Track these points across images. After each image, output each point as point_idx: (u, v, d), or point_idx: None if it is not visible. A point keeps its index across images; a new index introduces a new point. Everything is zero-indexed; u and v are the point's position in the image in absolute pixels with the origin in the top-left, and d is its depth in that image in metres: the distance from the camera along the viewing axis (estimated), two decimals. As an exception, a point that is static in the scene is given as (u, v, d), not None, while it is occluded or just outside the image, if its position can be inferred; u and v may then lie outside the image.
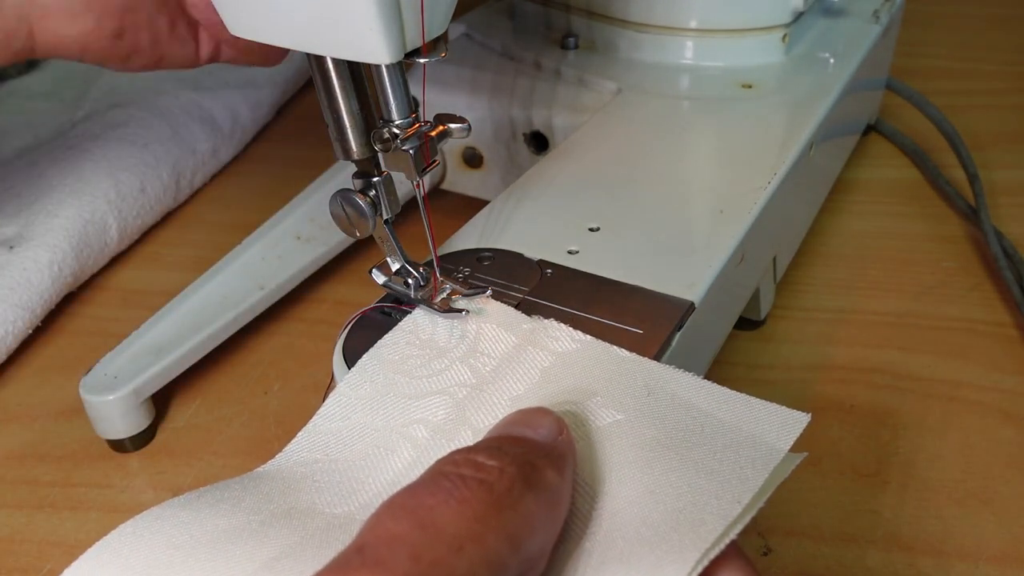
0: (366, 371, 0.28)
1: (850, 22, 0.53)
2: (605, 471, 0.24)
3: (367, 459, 0.26)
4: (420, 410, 0.27)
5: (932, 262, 0.50)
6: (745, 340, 0.45)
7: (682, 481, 0.23)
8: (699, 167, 0.40)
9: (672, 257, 0.34)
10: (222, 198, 0.59)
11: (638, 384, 0.27)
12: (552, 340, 0.29)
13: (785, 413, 0.26)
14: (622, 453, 0.25)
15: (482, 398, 0.27)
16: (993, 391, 0.41)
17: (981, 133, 0.61)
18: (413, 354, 0.29)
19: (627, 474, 0.24)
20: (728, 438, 0.25)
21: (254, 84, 0.64)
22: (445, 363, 0.28)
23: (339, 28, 0.25)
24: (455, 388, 0.27)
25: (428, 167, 0.28)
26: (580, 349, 0.28)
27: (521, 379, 0.28)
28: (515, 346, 0.29)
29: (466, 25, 0.54)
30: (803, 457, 0.25)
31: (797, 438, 0.25)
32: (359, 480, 0.25)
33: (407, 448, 0.26)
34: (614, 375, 0.27)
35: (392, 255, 0.31)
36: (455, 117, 0.29)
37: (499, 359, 0.28)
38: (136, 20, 0.35)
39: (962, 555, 0.34)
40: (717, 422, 0.26)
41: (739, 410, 0.26)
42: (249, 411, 0.42)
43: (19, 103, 0.64)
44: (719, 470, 0.24)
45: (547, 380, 0.27)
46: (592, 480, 0.24)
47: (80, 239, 0.48)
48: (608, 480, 0.24)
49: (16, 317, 0.44)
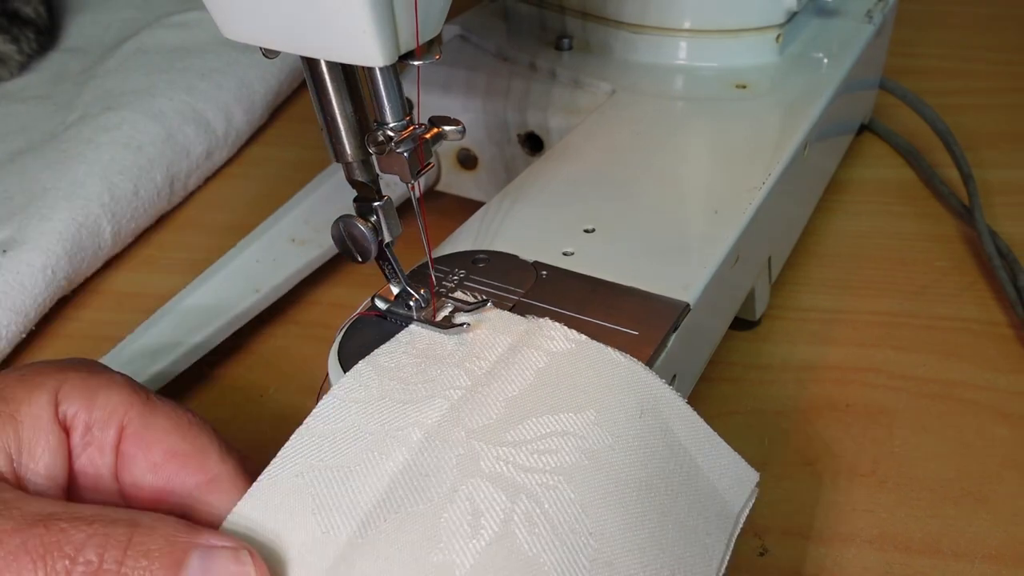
0: (361, 376, 0.28)
1: (843, 22, 0.53)
2: (595, 508, 0.25)
3: (361, 464, 0.26)
4: (414, 413, 0.27)
5: (926, 261, 0.50)
6: (741, 340, 0.45)
7: (666, 543, 0.25)
8: (694, 167, 0.40)
9: (667, 258, 0.34)
10: (216, 201, 0.58)
11: (631, 402, 0.27)
12: (547, 340, 0.29)
13: (742, 466, 0.28)
14: (614, 493, 0.25)
15: (476, 400, 0.27)
16: (988, 390, 0.42)
17: (975, 132, 0.61)
18: (409, 362, 0.29)
19: (617, 519, 0.25)
20: (700, 492, 0.27)
21: (248, 86, 0.64)
22: (440, 369, 0.28)
23: (332, 31, 0.25)
24: (450, 391, 0.27)
25: (423, 170, 0.28)
26: (575, 349, 0.28)
27: (515, 380, 0.28)
28: (510, 347, 0.29)
29: (460, 27, 0.54)
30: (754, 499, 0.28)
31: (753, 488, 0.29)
32: (356, 489, 0.25)
33: (401, 451, 0.26)
34: (608, 386, 0.27)
35: (393, 278, 0.31)
36: (450, 119, 0.29)
37: (493, 361, 0.28)
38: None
39: (958, 554, 0.34)
40: (694, 468, 0.27)
41: (711, 454, 0.28)
42: (245, 414, 0.41)
43: (12, 106, 0.63)
44: (693, 534, 0.26)
45: (541, 382, 0.27)
46: (583, 512, 0.24)
47: (74, 242, 0.48)
48: (599, 520, 0.24)
49: (9, 321, 0.44)
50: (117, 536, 0.22)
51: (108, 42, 0.71)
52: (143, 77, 0.62)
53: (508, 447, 0.25)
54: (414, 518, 0.24)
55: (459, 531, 0.23)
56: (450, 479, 0.25)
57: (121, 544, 0.22)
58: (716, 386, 0.42)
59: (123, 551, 0.22)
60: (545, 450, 0.25)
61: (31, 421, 0.26)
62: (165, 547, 0.23)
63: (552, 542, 0.23)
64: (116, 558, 0.22)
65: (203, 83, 0.62)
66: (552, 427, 0.26)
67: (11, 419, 0.25)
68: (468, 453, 0.25)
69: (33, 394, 0.26)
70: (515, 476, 0.25)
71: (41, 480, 0.26)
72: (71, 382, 0.27)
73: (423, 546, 0.23)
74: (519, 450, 0.25)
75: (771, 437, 0.40)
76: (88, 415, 0.27)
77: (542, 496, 0.24)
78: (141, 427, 0.27)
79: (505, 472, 0.25)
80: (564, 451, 0.25)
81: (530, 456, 0.25)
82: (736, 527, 0.27)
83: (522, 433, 0.26)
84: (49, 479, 0.26)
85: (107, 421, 0.27)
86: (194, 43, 0.67)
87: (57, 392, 0.26)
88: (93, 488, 0.27)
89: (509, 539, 0.23)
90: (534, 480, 0.24)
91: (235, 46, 0.63)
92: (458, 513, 0.24)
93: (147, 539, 0.23)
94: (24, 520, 0.22)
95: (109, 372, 0.28)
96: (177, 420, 0.27)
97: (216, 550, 0.23)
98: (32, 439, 0.26)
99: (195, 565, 0.23)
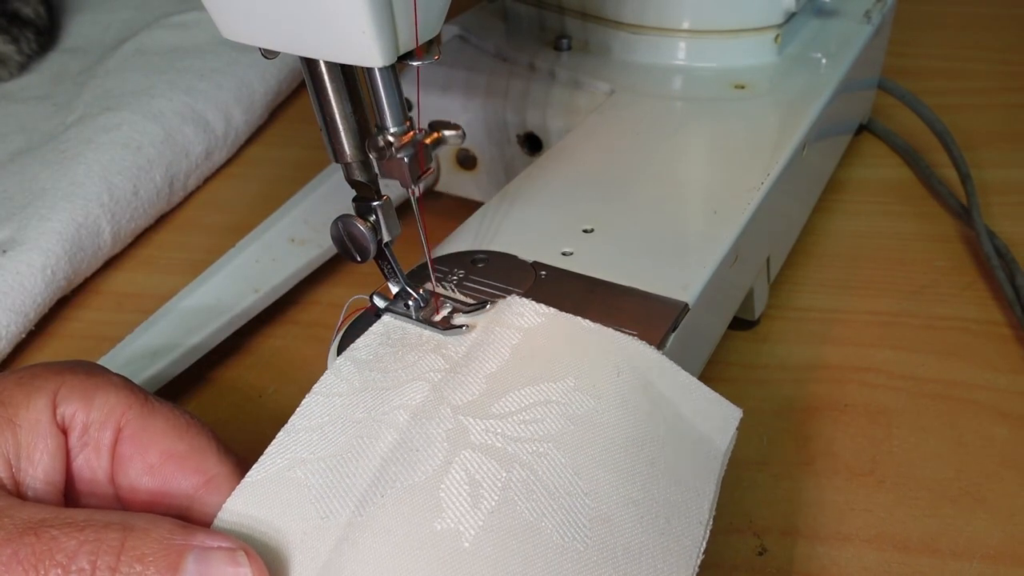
0: (341, 372, 0.29)
1: (842, 22, 0.53)
2: (587, 469, 0.25)
3: (353, 450, 0.26)
4: (398, 397, 0.27)
5: (925, 261, 0.50)
6: (740, 340, 0.45)
7: (658, 493, 0.25)
8: (692, 168, 0.40)
9: (666, 258, 0.34)
10: (216, 201, 0.58)
11: (607, 364, 0.28)
12: (516, 316, 0.29)
13: (724, 405, 0.29)
14: (603, 454, 0.26)
15: (457, 379, 0.27)
16: (986, 390, 0.42)
17: (973, 132, 0.61)
18: (386, 352, 0.29)
19: (609, 477, 0.25)
20: (685, 438, 0.27)
21: (247, 87, 0.64)
22: (418, 355, 0.29)
23: (331, 31, 0.25)
24: (430, 373, 0.28)
25: (423, 174, 0.29)
26: (545, 323, 0.29)
27: (492, 358, 0.28)
28: (482, 328, 0.29)
29: (459, 27, 0.54)
30: (735, 438, 0.28)
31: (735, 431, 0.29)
32: (349, 474, 0.25)
33: (390, 432, 0.26)
34: (582, 351, 0.28)
35: (392, 278, 0.31)
36: (449, 124, 0.29)
37: (469, 345, 0.29)
38: None
39: (956, 554, 0.34)
40: (677, 416, 0.27)
41: (691, 398, 0.28)
42: (244, 414, 0.42)
43: (11, 106, 0.63)
44: (682, 479, 0.26)
45: (518, 356, 0.28)
46: (576, 476, 0.25)
47: (73, 243, 0.48)
48: (592, 481, 0.25)
49: (9, 321, 0.44)
50: (110, 541, 0.22)
51: (108, 42, 0.71)
52: (142, 77, 0.62)
53: (494, 420, 0.26)
54: (411, 491, 0.24)
55: (459, 501, 0.24)
56: (442, 452, 0.25)
57: (114, 549, 0.22)
58: (715, 386, 0.42)
59: (116, 556, 0.22)
60: (531, 420, 0.26)
61: (29, 425, 0.26)
62: (159, 550, 0.23)
63: (551, 506, 0.24)
64: (109, 564, 0.22)
65: (202, 83, 0.62)
66: (535, 397, 0.26)
67: (9, 424, 0.25)
68: (456, 427, 0.26)
69: (31, 398, 0.26)
70: (506, 447, 0.25)
71: (40, 485, 0.26)
72: (69, 384, 0.27)
73: (425, 516, 0.24)
74: (505, 422, 0.26)
75: (770, 437, 0.40)
76: (86, 416, 0.27)
77: (535, 464, 0.25)
78: (138, 428, 0.27)
79: (496, 444, 0.25)
80: (549, 419, 0.26)
81: (517, 427, 0.26)
82: (723, 465, 0.28)
83: (506, 406, 0.26)
84: (48, 484, 0.26)
85: (104, 422, 0.27)
86: (193, 43, 0.67)
87: (55, 395, 0.26)
88: (89, 491, 0.27)
89: (510, 506, 0.24)
90: (525, 449, 0.25)
91: (234, 46, 0.63)
92: (456, 484, 0.24)
93: (141, 543, 0.23)
94: (15, 529, 0.22)
95: (107, 374, 0.28)
96: (175, 422, 0.27)
97: (211, 551, 0.23)
98: (31, 444, 0.26)
99: (190, 568, 0.22)
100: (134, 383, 0.28)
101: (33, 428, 0.26)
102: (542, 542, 0.23)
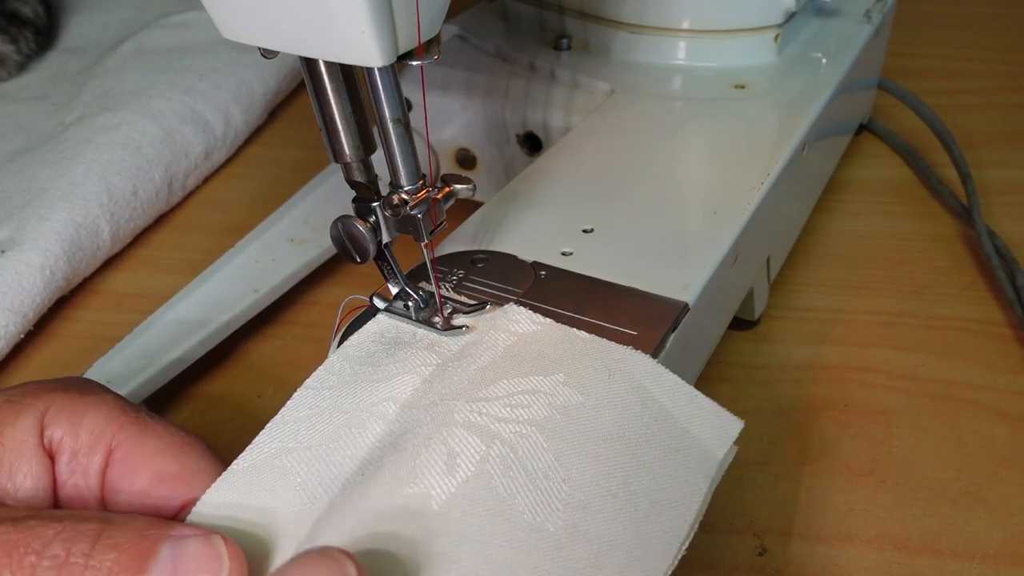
0: (332, 368, 0.29)
1: (842, 22, 0.53)
2: (568, 457, 0.25)
3: (339, 440, 0.26)
4: (388, 389, 0.27)
5: (925, 261, 0.50)
6: (740, 340, 0.45)
7: (640, 489, 0.25)
8: (692, 168, 0.40)
9: (666, 258, 0.34)
10: (215, 201, 0.58)
11: (599, 365, 0.28)
12: (512, 323, 0.29)
13: (724, 416, 0.28)
14: (586, 445, 0.26)
15: (447, 373, 0.28)
16: (986, 390, 0.42)
17: (973, 132, 0.61)
18: (378, 349, 0.29)
19: (590, 468, 0.25)
20: (676, 440, 0.27)
21: (247, 86, 0.64)
22: (410, 351, 0.29)
23: (331, 31, 0.25)
24: (421, 367, 0.28)
25: (436, 229, 0.29)
26: (540, 331, 0.29)
27: (484, 355, 0.28)
28: (477, 331, 0.29)
29: (459, 27, 0.54)
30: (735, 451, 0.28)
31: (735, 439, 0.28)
32: (335, 463, 0.26)
33: (377, 423, 0.26)
34: (576, 354, 0.28)
35: (392, 278, 0.31)
36: (461, 178, 0.30)
37: (462, 344, 0.29)
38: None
39: (956, 554, 0.34)
40: (668, 418, 0.27)
41: (687, 406, 0.28)
42: (243, 415, 0.41)
43: (10, 106, 0.63)
44: (669, 478, 0.26)
45: (511, 354, 0.28)
46: (556, 461, 0.25)
47: (72, 242, 0.48)
48: (572, 469, 0.25)
49: (8, 321, 0.44)
50: (86, 532, 0.22)
51: (107, 42, 0.71)
52: (141, 77, 0.62)
53: (481, 402, 0.26)
54: (391, 465, 0.25)
55: (434, 469, 0.24)
56: (425, 431, 0.25)
57: (89, 539, 0.22)
58: (715, 386, 0.42)
59: (91, 545, 0.22)
60: (518, 404, 0.26)
61: (14, 445, 0.25)
62: (134, 539, 0.22)
63: (526, 485, 0.24)
64: (83, 551, 0.22)
65: (202, 83, 0.62)
66: (523, 387, 0.27)
67: None
68: (443, 409, 0.26)
69: (19, 417, 0.25)
70: (489, 425, 0.25)
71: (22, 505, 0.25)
72: (59, 403, 0.26)
73: (399, 482, 0.24)
74: (492, 404, 0.26)
75: (770, 437, 0.40)
76: (74, 440, 0.26)
77: (516, 443, 0.25)
78: (130, 449, 0.26)
79: (479, 421, 0.25)
80: (536, 406, 0.26)
81: (503, 408, 0.26)
82: (719, 472, 0.27)
83: (494, 391, 0.26)
84: (30, 505, 0.25)
85: (94, 446, 0.26)
86: (193, 43, 0.67)
87: (43, 416, 0.26)
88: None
89: (484, 478, 0.24)
90: (508, 429, 0.25)
91: (234, 46, 0.63)
92: (434, 455, 0.24)
93: (117, 533, 0.22)
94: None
95: (100, 391, 0.28)
96: (169, 440, 0.27)
97: (187, 538, 0.23)
98: (14, 464, 0.25)
99: (165, 554, 0.22)
100: (127, 401, 0.28)
101: (18, 448, 0.25)
102: (513, 519, 0.23)
